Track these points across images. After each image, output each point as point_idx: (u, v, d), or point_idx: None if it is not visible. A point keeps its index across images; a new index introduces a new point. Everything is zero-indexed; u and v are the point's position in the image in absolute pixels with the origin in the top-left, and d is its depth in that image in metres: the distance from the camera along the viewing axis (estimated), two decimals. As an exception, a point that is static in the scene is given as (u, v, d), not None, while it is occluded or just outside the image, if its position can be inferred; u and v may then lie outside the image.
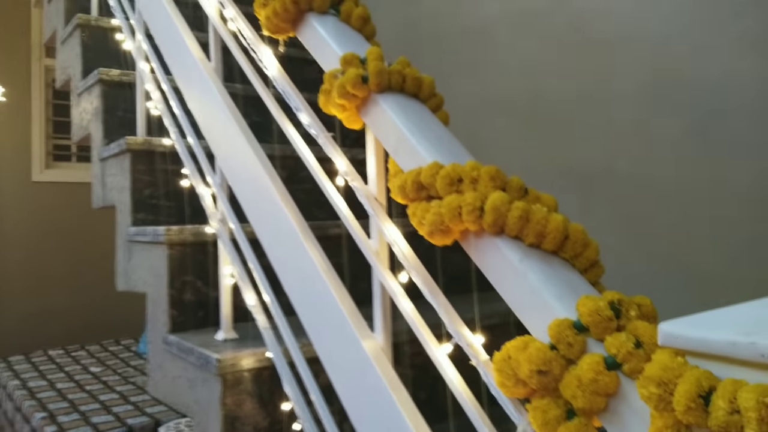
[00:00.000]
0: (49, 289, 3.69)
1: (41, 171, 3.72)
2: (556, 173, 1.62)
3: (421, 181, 0.56)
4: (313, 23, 0.76)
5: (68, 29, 1.74)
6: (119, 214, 1.36)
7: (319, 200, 1.40)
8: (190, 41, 1.09)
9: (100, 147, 1.48)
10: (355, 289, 0.86)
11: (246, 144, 0.92)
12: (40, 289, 3.66)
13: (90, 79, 1.53)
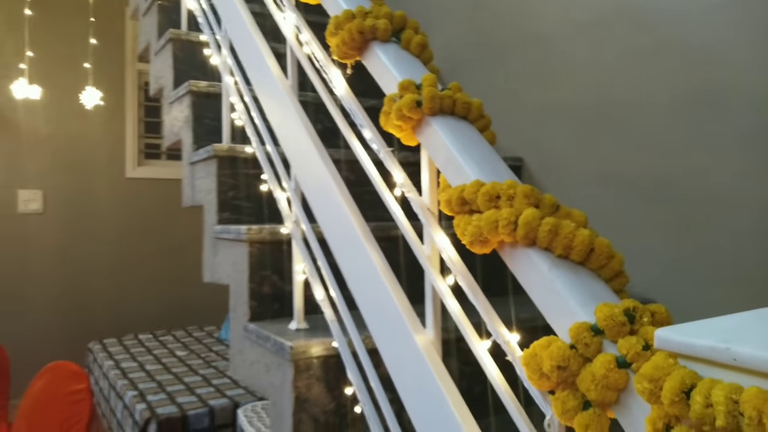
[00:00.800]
0: (139, 277, 4.01)
1: (134, 168, 4.04)
2: (613, 177, 1.64)
3: (465, 197, 0.64)
4: (376, 51, 0.85)
5: (161, 42, 1.92)
6: (206, 214, 1.51)
7: (378, 201, 1.51)
8: (270, 60, 1.21)
9: (190, 152, 1.64)
10: (413, 286, 0.95)
11: (316, 154, 1.03)
12: (132, 277, 3.98)
13: (181, 90, 1.70)
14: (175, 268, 4.10)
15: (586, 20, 1.74)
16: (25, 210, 3.68)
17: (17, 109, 3.51)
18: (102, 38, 3.61)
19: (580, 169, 1.76)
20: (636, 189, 1.60)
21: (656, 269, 1.53)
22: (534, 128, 1.92)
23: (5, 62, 3.51)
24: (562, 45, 1.83)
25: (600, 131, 1.70)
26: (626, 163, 1.62)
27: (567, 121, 1.81)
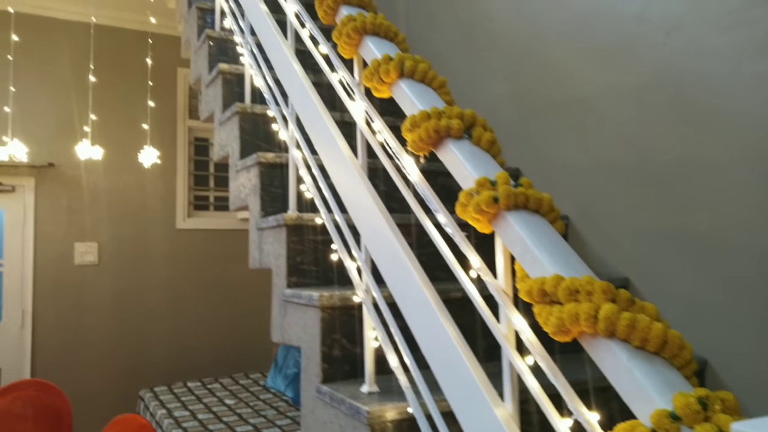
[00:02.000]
0: (188, 325, 4.14)
1: (184, 219, 4.22)
2: (661, 235, 1.70)
3: (545, 290, 0.73)
4: (450, 147, 0.96)
5: (227, 114, 2.08)
6: (275, 277, 1.62)
7: (439, 263, 1.60)
8: (341, 142, 1.33)
9: (258, 218, 1.76)
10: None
11: (388, 229, 1.13)
12: (181, 325, 4.12)
13: (249, 160, 1.83)
14: (223, 315, 4.23)
15: (628, 83, 1.84)
16: (81, 262, 3.87)
17: (79, 167, 3.74)
18: (156, 98, 3.85)
19: (623, 225, 1.83)
20: (683, 245, 1.65)
21: (707, 324, 1.57)
22: (577, 186, 2.00)
23: (71, 125, 3.77)
24: (603, 106, 1.92)
25: (642, 188, 1.77)
26: (670, 218, 1.68)
27: (610, 179, 1.88)
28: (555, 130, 2.11)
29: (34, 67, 3.68)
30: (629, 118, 1.83)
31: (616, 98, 1.88)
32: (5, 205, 3.73)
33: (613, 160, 1.88)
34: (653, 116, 1.76)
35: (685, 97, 1.66)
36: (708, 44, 1.59)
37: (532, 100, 2.22)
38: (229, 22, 2.27)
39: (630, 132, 1.83)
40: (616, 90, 1.88)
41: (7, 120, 3.08)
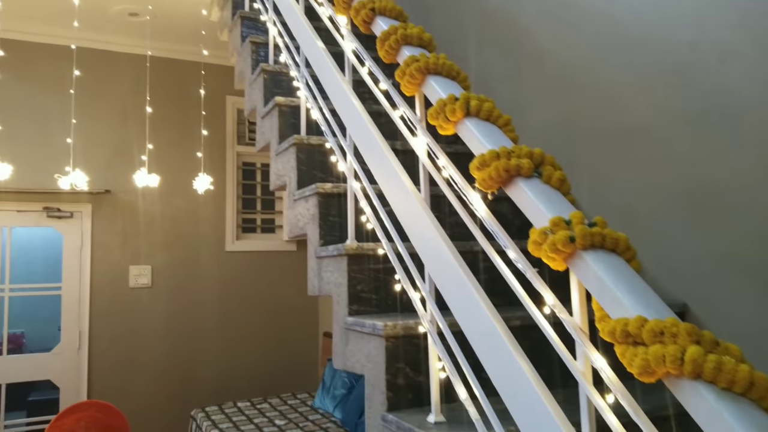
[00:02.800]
0: (238, 344, 4.23)
1: (233, 242, 4.33)
2: (719, 260, 1.69)
3: (629, 331, 0.75)
4: (521, 186, 0.99)
5: (284, 145, 2.15)
6: (336, 304, 1.66)
7: (494, 288, 1.62)
8: (403, 176, 1.37)
9: (317, 247, 1.82)
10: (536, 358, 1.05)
11: (452, 257, 1.15)
12: (231, 344, 4.21)
13: (307, 191, 1.90)
14: (269, 335, 4.32)
15: (682, 110, 1.84)
16: (135, 284, 4.01)
17: (134, 193, 3.89)
18: (206, 125, 3.99)
19: (679, 250, 1.81)
20: (742, 271, 1.64)
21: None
22: (630, 212, 2.00)
23: (126, 153, 3.94)
24: (657, 133, 1.92)
25: (698, 214, 1.76)
26: (728, 244, 1.67)
27: (664, 204, 1.88)
28: (606, 157, 2.11)
29: (93, 98, 3.86)
30: (685, 144, 1.83)
31: (670, 124, 1.88)
32: (64, 231, 3.90)
33: (668, 186, 1.87)
34: (709, 142, 1.75)
35: (742, 124, 1.66)
36: (764, 71, 1.59)
37: (582, 127, 2.23)
38: (284, 56, 2.35)
39: (686, 158, 1.82)
40: (670, 116, 1.88)
41: (69, 151, 3.25)
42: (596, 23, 2.19)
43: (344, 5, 1.69)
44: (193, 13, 3.56)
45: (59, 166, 3.57)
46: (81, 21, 3.27)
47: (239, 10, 2.91)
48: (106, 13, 3.62)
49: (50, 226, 3.87)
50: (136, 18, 3.72)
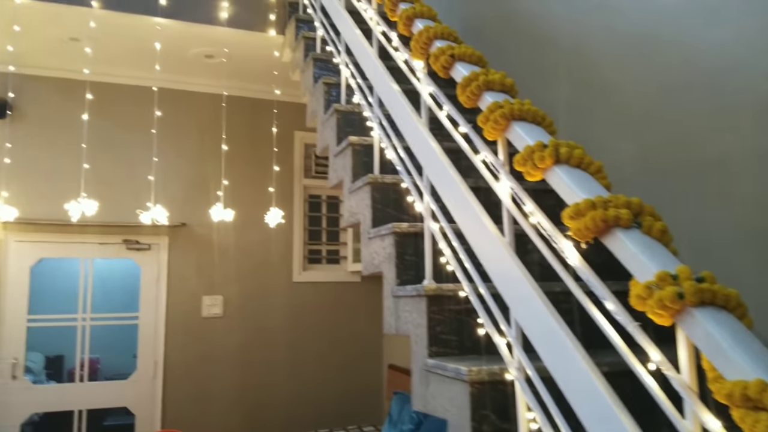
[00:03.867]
0: (303, 375, 4.28)
1: (300, 273, 4.42)
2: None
3: (749, 395, 0.72)
4: (619, 236, 0.97)
5: (358, 184, 2.20)
6: (414, 345, 1.67)
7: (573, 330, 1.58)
8: (485, 219, 1.37)
9: (394, 286, 1.83)
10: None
11: (540, 302, 1.14)
12: (298, 375, 4.27)
13: (383, 230, 1.92)
14: (334, 365, 4.36)
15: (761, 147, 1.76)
16: (208, 314, 4.13)
17: (208, 226, 4.04)
18: (280, 162, 4.12)
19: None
20: None
21: None
22: (713, 249, 1.92)
23: (202, 188, 4.11)
24: (740, 167, 1.85)
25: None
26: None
27: (753, 242, 1.79)
28: (686, 191, 2.04)
29: (172, 136, 4.06)
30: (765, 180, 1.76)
31: (755, 159, 1.81)
32: (142, 262, 4.08)
33: (756, 223, 1.79)
34: (805, 179, 1.68)
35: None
36: None
37: (660, 161, 2.17)
38: (357, 97, 2.42)
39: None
40: (749, 150, 1.81)
41: (151, 187, 3.42)
42: (670, 54, 2.14)
43: (422, 51, 1.73)
44: (265, 54, 3.71)
45: (139, 201, 3.75)
46: (161, 63, 3.47)
47: (311, 53, 3.02)
48: (184, 56, 3.82)
49: (129, 257, 4.06)
50: (212, 60, 3.91)
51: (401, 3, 1.91)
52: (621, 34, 2.40)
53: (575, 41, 2.66)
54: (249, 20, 3.51)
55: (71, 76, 3.93)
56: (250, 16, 3.51)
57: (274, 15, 3.55)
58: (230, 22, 3.45)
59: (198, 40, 3.61)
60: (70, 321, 3.96)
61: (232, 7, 3.44)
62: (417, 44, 1.72)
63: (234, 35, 3.52)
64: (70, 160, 3.75)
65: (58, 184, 3.82)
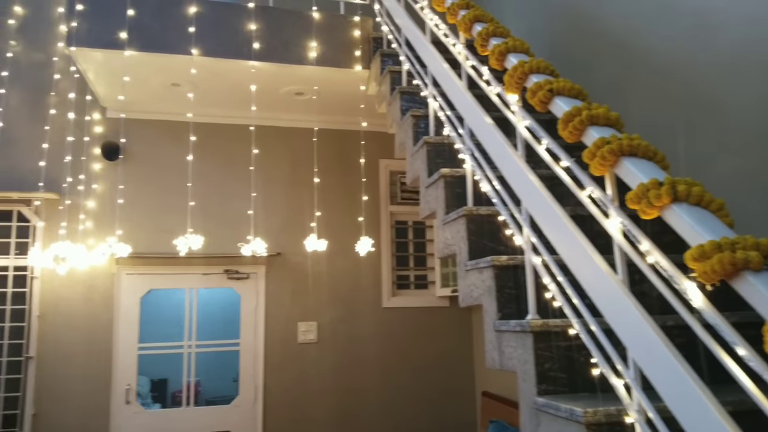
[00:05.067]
0: (394, 401, 4.30)
1: (389, 299, 4.47)
2: None
3: None
4: (750, 280, 0.94)
5: (452, 215, 2.21)
6: (522, 382, 1.65)
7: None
8: (596, 257, 1.35)
9: (495, 320, 1.83)
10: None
11: (660, 343, 1.11)
12: (389, 401, 4.29)
13: (482, 262, 1.93)
14: (427, 392, 4.36)
15: None
16: (303, 340, 4.26)
17: (301, 254, 4.18)
18: (369, 191, 4.22)
19: None
20: None
21: None
22: None
23: (296, 219, 4.28)
24: None
25: None
26: None
27: None
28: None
29: (267, 170, 4.26)
30: None
31: None
32: (241, 291, 4.28)
33: None
34: None
35: None
36: None
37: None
38: (447, 129, 2.44)
39: None
40: None
41: (250, 220, 3.60)
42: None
43: (516, 85, 1.74)
44: (351, 88, 3.83)
45: (239, 232, 3.96)
46: (255, 102, 3.66)
47: (397, 86, 3.08)
48: (276, 94, 4.01)
49: (230, 286, 4.27)
50: (302, 97, 4.08)
51: (492, 38, 1.93)
52: (724, 54, 2.29)
53: (669, 59, 2.57)
54: (336, 58, 3.64)
55: (174, 119, 4.22)
56: (336, 54, 3.64)
57: (359, 51, 3.66)
58: (318, 61, 3.59)
59: (289, 79, 3.78)
60: (177, 348, 4.20)
61: (320, 47, 3.59)
62: (512, 79, 1.73)
63: (322, 72, 3.67)
64: (176, 197, 4.02)
65: (165, 220, 4.09)
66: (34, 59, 4.22)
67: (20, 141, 4.05)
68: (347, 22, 3.71)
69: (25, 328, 3.87)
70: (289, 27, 3.60)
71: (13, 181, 3.96)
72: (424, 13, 2.81)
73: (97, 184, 4.10)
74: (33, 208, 4.01)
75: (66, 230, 3.70)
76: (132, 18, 3.34)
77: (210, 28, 3.46)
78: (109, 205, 4.06)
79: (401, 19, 3.16)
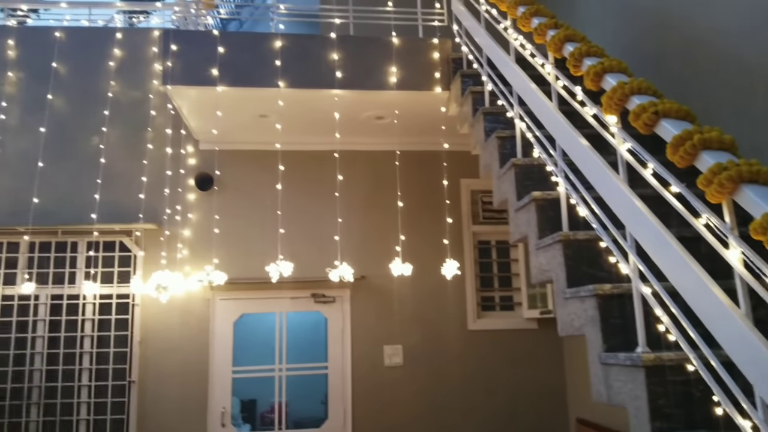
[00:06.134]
0: (484, 428, 4.21)
1: (474, 321, 4.40)
2: None
3: None
4: None
5: (547, 240, 2.15)
6: (633, 419, 1.57)
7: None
8: (715, 289, 1.27)
9: (600, 352, 1.75)
10: None
11: None
12: (478, 427, 4.20)
13: (582, 291, 1.86)
14: (517, 418, 4.23)
15: None
16: (389, 363, 4.26)
17: (385, 277, 4.19)
18: (453, 214, 4.20)
19: None
20: None
21: None
22: None
23: (381, 241, 4.32)
24: None
25: None
26: None
27: None
28: None
29: (349, 193, 4.33)
30: None
31: None
32: (328, 314, 4.34)
33: None
34: None
35: None
36: None
37: None
38: (537, 151, 2.39)
39: None
40: None
41: (335, 246, 3.66)
42: None
43: (616, 107, 1.68)
44: (431, 109, 3.84)
45: (324, 256, 4.04)
46: (336, 128, 3.75)
47: (480, 107, 3.06)
48: (357, 120, 4.08)
49: (317, 310, 4.35)
50: (382, 120, 4.13)
51: (586, 58, 1.88)
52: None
53: None
54: (415, 81, 3.66)
55: (261, 148, 4.38)
56: (416, 77, 3.66)
57: (439, 72, 3.67)
58: (399, 85, 3.63)
59: (370, 104, 3.84)
60: (268, 372, 4.31)
61: (400, 71, 3.63)
62: (611, 100, 1.67)
63: (402, 96, 3.70)
64: (264, 223, 4.17)
65: (255, 246, 4.24)
66: (131, 97, 4.51)
67: (121, 175, 4.32)
68: (426, 44, 3.73)
69: (128, 353, 4.10)
70: (369, 54, 3.66)
71: (115, 214, 4.22)
72: (508, 33, 2.78)
73: (191, 214, 4.32)
74: (133, 238, 4.26)
75: (166, 259, 3.90)
76: (222, 55, 3.51)
77: (294, 60, 3.58)
78: (203, 234, 4.26)
79: (482, 38, 3.14)
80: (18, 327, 4.09)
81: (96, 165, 4.21)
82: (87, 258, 4.22)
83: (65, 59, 4.48)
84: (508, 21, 2.83)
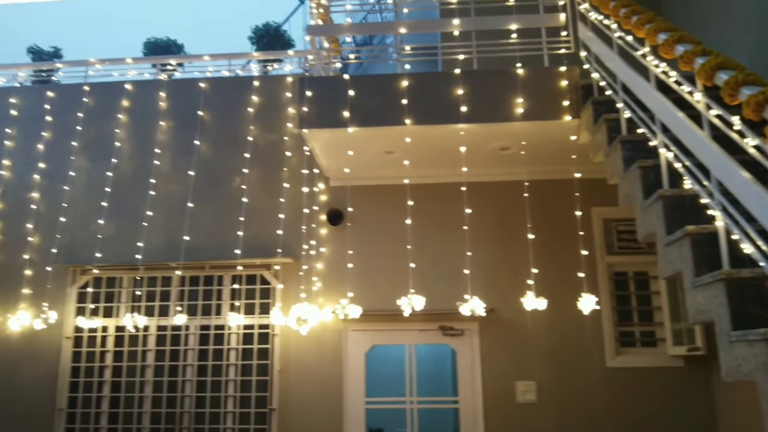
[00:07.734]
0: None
1: (613, 357, 4.16)
2: None
3: None
4: None
5: (705, 279, 2.00)
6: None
7: None
8: None
9: (779, 404, 1.59)
10: None
11: None
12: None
13: (751, 335, 1.70)
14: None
15: None
16: (522, 400, 4.13)
17: (518, 311, 4.09)
18: (575, 238, 4.04)
19: None
20: None
21: None
22: None
23: (509, 273, 4.25)
24: None
25: None
26: None
27: None
28: None
29: (476, 225, 4.30)
30: None
31: None
32: (456, 347, 4.32)
33: None
34: None
35: None
36: None
37: None
38: (689, 181, 2.25)
39: None
40: None
41: (465, 279, 3.65)
42: None
43: (787, 137, 1.54)
44: (559, 138, 3.76)
45: (452, 288, 4.04)
46: (462, 161, 3.76)
47: (617, 135, 2.94)
48: (482, 152, 4.08)
49: (445, 342, 4.34)
50: (507, 151, 4.09)
51: (743, 87, 1.75)
52: None
53: None
54: (542, 111, 3.61)
55: (388, 182, 4.51)
56: (542, 106, 3.61)
57: (567, 100, 3.58)
58: (525, 116, 3.59)
59: (496, 136, 3.83)
60: (400, 404, 4.35)
61: (525, 102, 3.59)
62: (780, 131, 1.54)
63: (528, 127, 3.65)
64: (394, 256, 4.27)
65: (385, 279, 4.33)
66: (268, 140, 4.84)
67: (261, 213, 4.63)
68: (552, 73, 3.67)
69: (268, 381, 4.33)
70: (494, 87, 3.67)
71: (256, 249, 4.52)
72: (648, 59, 2.67)
73: (324, 248, 4.52)
74: (273, 272, 4.53)
75: (304, 292, 4.10)
76: (352, 98, 3.68)
77: (420, 98, 3.67)
78: (335, 267, 4.43)
79: (616, 64, 3.04)
80: (171, 356, 4.47)
81: (238, 204, 4.56)
82: (231, 291, 4.54)
83: (209, 107, 4.93)
84: (646, 47, 2.71)
